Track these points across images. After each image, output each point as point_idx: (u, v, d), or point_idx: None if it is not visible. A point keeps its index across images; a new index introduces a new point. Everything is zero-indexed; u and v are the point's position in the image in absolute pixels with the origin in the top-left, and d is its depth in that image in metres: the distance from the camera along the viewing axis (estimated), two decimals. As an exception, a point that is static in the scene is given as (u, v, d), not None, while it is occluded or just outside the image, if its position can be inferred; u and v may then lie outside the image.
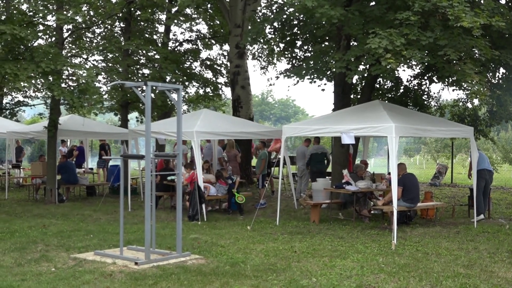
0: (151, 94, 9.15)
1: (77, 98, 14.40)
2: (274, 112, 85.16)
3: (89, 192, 19.00)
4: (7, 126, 20.42)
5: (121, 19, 22.21)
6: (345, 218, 13.50)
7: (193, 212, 13.15)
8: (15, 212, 14.78)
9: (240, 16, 20.61)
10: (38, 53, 13.54)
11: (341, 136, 12.18)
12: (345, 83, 14.36)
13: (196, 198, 13.12)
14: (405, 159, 45.74)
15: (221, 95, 25.70)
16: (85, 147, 24.18)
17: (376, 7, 12.61)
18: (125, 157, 11.05)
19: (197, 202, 13.12)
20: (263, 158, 16.36)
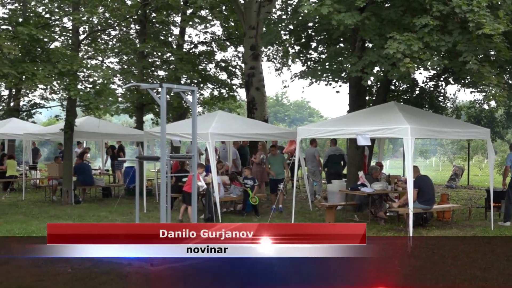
0: (166, 96, 9.17)
1: (93, 99, 14.50)
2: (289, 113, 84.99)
3: (105, 193, 19.10)
4: (24, 127, 20.58)
5: (137, 21, 22.31)
6: (360, 220, 13.44)
7: (209, 214, 13.18)
8: (31, 213, 14.90)
9: (254, 18, 20.61)
10: (55, 55, 13.65)
11: (356, 138, 12.14)
12: (360, 85, 14.30)
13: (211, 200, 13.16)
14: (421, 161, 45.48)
15: (236, 97, 25.72)
16: (101, 149, 24.33)
17: (392, 10, 12.51)
18: (141, 158, 11.10)
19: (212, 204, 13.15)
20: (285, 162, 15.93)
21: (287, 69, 29.82)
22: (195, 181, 9.61)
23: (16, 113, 25.93)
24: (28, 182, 20.69)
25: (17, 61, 13.00)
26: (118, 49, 23.79)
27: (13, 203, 16.91)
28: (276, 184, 15.10)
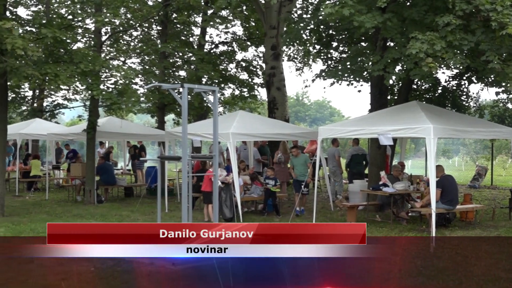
0: (187, 96, 9.21)
1: (116, 98, 14.62)
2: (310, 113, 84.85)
3: (127, 193, 19.24)
4: (47, 128, 20.83)
5: (158, 22, 22.46)
6: (382, 220, 13.36)
7: (230, 214, 13.22)
8: (55, 212, 15.06)
9: (275, 18, 20.60)
10: (77, 56, 13.80)
11: (378, 138, 12.07)
12: (382, 84, 14.22)
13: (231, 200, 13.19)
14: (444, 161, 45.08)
15: (257, 97, 25.75)
16: (123, 149, 24.51)
17: (414, 10, 12.40)
18: (162, 158, 11.15)
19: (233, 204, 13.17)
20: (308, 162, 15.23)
21: (308, 69, 29.81)
22: (217, 180, 9.64)
23: (39, 113, 26.29)
24: (51, 182, 20.92)
25: (40, 63, 13.16)
26: (139, 49, 24.00)
27: (37, 203, 17.12)
28: (300, 184, 14.67)
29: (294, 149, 15.55)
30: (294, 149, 15.61)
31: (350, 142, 26.57)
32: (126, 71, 15.04)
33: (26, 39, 12.21)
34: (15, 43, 11.53)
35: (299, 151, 15.42)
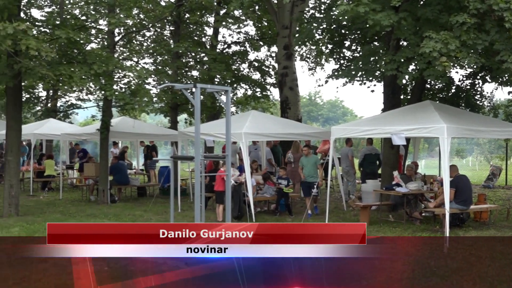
0: (200, 96, 9.23)
1: (129, 99, 14.68)
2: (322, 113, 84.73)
3: (140, 192, 19.32)
4: (61, 128, 20.97)
5: (171, 22, 22.54)
6: (395, 220, 13.31)
7: (239, 212, 13.24)
8: (69, 212, 15.16)
9: (288, 17, 20.58)
10: (91, 56, 13.87)
11: (391, 137, 12.03)
12: (395, 83, 14.16)
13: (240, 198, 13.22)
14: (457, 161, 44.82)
15: (269, 96, 25.74)
16: (136, 149, 24.62)
17: (428, 9, 12.32)
18: (175, 158, 11.18)
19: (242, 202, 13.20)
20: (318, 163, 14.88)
21: (321, 68, 29.75)
22: (229, 180, 9.65)
23: (53, 113, 26.50)
24: (65, 182, 21.05)
25: (54, 63, 13.25)
26: (152, 49, 24.09)
27: (51, 202, 17.24)
28: (308, 187, 14.30)
29: (306, 148, 15.24)
30: (305, 148, 15.27)
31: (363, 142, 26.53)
32: (139, 71, 15.09)
33: (40, 40, 12.29)
34: (29, 44, 11.62)
35: (311, 151, 15.18)
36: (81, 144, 25.28)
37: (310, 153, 15.04)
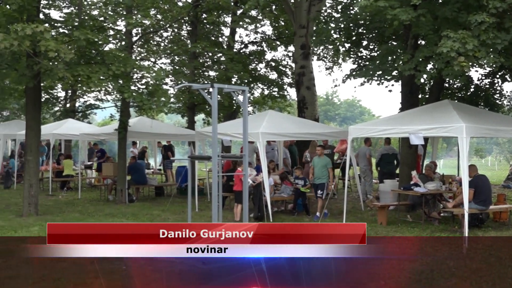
0: (217, 96, 9.25)
1: (146, 99, 14.75)
2: (339, 112, 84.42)
3: (157, 192, 19.41)
4: (80, 128, 21.13)
5: (188, 22, 22.60)
6: (413, 221, 13.23)
7: (259, 213, 13.24)
8: (87, 211, 15.27)
9: (305, 17, 20.53)
10: (109, 57, 13.96)
11: (409, 137, 11.95)
12: (412, 83, 14.08)
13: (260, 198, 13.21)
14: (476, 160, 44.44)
15: (286, 96, 25.71)
16: (154, 149, 24.74)
17: (447, 8, 12.22)
18: (193, 158, 11.23)
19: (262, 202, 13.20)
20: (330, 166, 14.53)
21: (338, 68, 29.68)
22: (246, 180, 9.65)
23: (72, 114, 26.70)
24: (83, 181, 21.22)
25: (73, 64, 13.35)
26: (170, 50, 24.18)
27: (69, 202, 17.39)
28: (316, 189, 14.18)
29: (319, 148, 14.87)
30: (319, 148, 14.89)
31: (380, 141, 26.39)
32: (157, 72, 15.15)
33: (59, 41, 12.40)
34: (48, 45, 11.72)
35: (323, 151, 14.86)
36: (99, 144, 25.45)
37: (323, 153, 14.74)
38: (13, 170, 21.39)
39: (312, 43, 19.08)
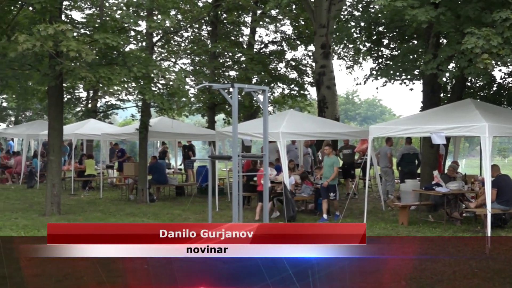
0: (237, 96, 9.26)
1: (166, 101, 14.81)
2: (360, 112, 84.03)
3: (178, 192, 19.49)
4: (101, 128, 21.30)
5: (208, 22, 22.67)
6: (435, 221, 13.12)
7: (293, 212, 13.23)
8: (109, 210, 15.39)
9: (325, 16, 20.48)
10: (130, 58, 14.04)
11: (431, 137, 11.86)
12: (434, 82, 13.96)
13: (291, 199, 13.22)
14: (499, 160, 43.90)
15: (307, 96, 25.67)
16: (175, 148, 24.86)
17: (469, 7, 12.08)
18: (213, 158, 11.26)
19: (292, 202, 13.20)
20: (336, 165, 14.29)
21: (358, 67, 29.60)
22: (267, 180, 9.66)
23: (93, 114, 26.93)
24: (105, 181, 21.38)
25: (95, 65, 13.47)
26: (190, 50, 24.26)
27: (91, 201, 17.54)
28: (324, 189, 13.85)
29: (327, 147, 14.48)
30: (327, 147, 14.51)
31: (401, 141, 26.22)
32: (178, 74, 15.21)
33: (81, 41, 12.52)
34: (69, 45, 11.84)
35: (331, 150, 14.39)
36: (119, 144, 25.65)
37: (331, 152, 14.35)
38: (36, 170, 21.63)
39: (333, 42, 19.03)
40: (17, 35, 11.68)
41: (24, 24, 13.57)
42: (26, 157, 23.37)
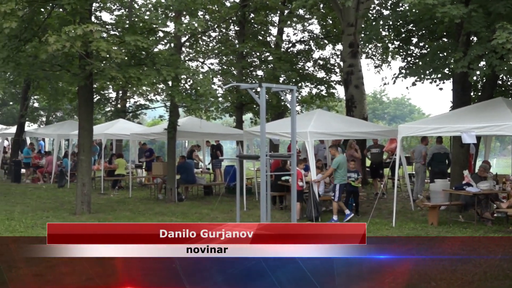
0: (265, 95, 9.27)
1: (195, 102, 14.89)
2: (388, 111, 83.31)
3: (206, 191, 19.58)
4: (130, 128, 21.51)
5: (236, 22, 22.72)
6: (465, 221, 12.95)
7: (317, 213, 13.19)
8: (138, 210, 15.54)
9: (353, 15, 20.35)
10: (159, 59, 14.15)
11: (461, 136, 11.71)
12: (464, 80, 13.77)
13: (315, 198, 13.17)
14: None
15: (334, 95, 25.56)
16: (203, 148, 24.97)
17: (501, 3, 11.88)
18: (241, 157, 11.27)
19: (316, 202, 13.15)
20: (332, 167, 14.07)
21: (387, 66, 29.34)
22: (295, 179, 9.64)
23: (123, 114, 27.21)
24: (134, 181, 21.58)
25: (124, 65, 13.60)
26: (218, 50, 24.35)
27: (121, 200, 17.73)
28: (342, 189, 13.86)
29: (331, 148, 14.62)
30: (331, 148, 14.66)
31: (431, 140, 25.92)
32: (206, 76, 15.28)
33: (110, 42, 12.65)
34: (99, 46, 11.98)
35: (336, 150, 14.36)
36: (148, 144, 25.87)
37: (338, 152, 14.31)
38: (67, 170, 21.94)
39: (361, 41, 18.90)
40: (47, 36, 11.86)
41: (55, 26, 13.75)
42: (57, 157, 23.73)
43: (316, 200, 13.41)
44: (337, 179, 13.73)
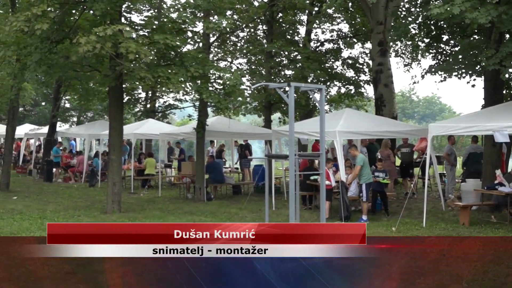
0: (294, 95, 9.25)
1: (223, 100, 14.94)
2: (418, 110, 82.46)
3: (234, 191, 19.63)
4: (159, 128, 21.68)
5: (264, 22, 22.72)
6: (498, 221, 12.74)
7: (348, 212, 13.12)
8: (167, 209, 15.64)
9: (382, 13, 20.18)
10: (187, 58, 14.23)
11: (493, 135, 11.52)
12: (497, 78, 13.54)
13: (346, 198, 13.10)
14: None
15: (363, 94, 25.37)
16: (231, 148, 25.07)
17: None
18: (270, 157, 11.28)
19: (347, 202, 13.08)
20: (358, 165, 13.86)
21: (417, 64, 29.07)
22: (323, 179, 9.61)
23: (152, 114, 27.44)
24: (163, 180, 21.73)
25: (153, 65, 13.72)
26: (246, 50, 24.39)
27: (150, 199, 17.87)
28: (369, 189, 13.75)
29: (351, 148, 14.64)
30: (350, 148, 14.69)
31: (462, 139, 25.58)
32: (234, 74, 15.33)
33: (140, 43, 12.76)
34: (128, 47, 12.10)
35: (356, 150, 14.32)
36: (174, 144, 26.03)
37: (358, 152, 14.20)
38: (98, 169, 22.21)
39: (390, 39, 18.71)
40: (78, 37, 12.02)
41: (86, 27, 13.93)
42: (88, 157, 24.03)
43: (347, 200, 13.33)
44: (363, 178, 13.62)
